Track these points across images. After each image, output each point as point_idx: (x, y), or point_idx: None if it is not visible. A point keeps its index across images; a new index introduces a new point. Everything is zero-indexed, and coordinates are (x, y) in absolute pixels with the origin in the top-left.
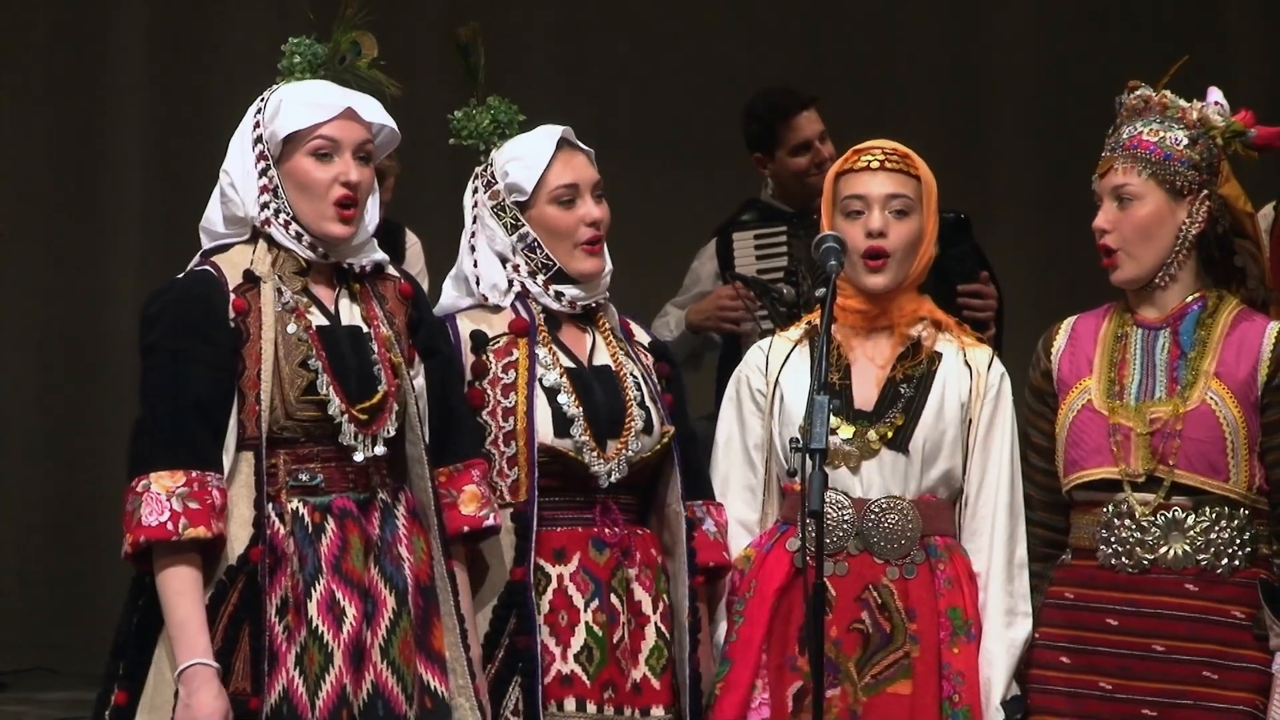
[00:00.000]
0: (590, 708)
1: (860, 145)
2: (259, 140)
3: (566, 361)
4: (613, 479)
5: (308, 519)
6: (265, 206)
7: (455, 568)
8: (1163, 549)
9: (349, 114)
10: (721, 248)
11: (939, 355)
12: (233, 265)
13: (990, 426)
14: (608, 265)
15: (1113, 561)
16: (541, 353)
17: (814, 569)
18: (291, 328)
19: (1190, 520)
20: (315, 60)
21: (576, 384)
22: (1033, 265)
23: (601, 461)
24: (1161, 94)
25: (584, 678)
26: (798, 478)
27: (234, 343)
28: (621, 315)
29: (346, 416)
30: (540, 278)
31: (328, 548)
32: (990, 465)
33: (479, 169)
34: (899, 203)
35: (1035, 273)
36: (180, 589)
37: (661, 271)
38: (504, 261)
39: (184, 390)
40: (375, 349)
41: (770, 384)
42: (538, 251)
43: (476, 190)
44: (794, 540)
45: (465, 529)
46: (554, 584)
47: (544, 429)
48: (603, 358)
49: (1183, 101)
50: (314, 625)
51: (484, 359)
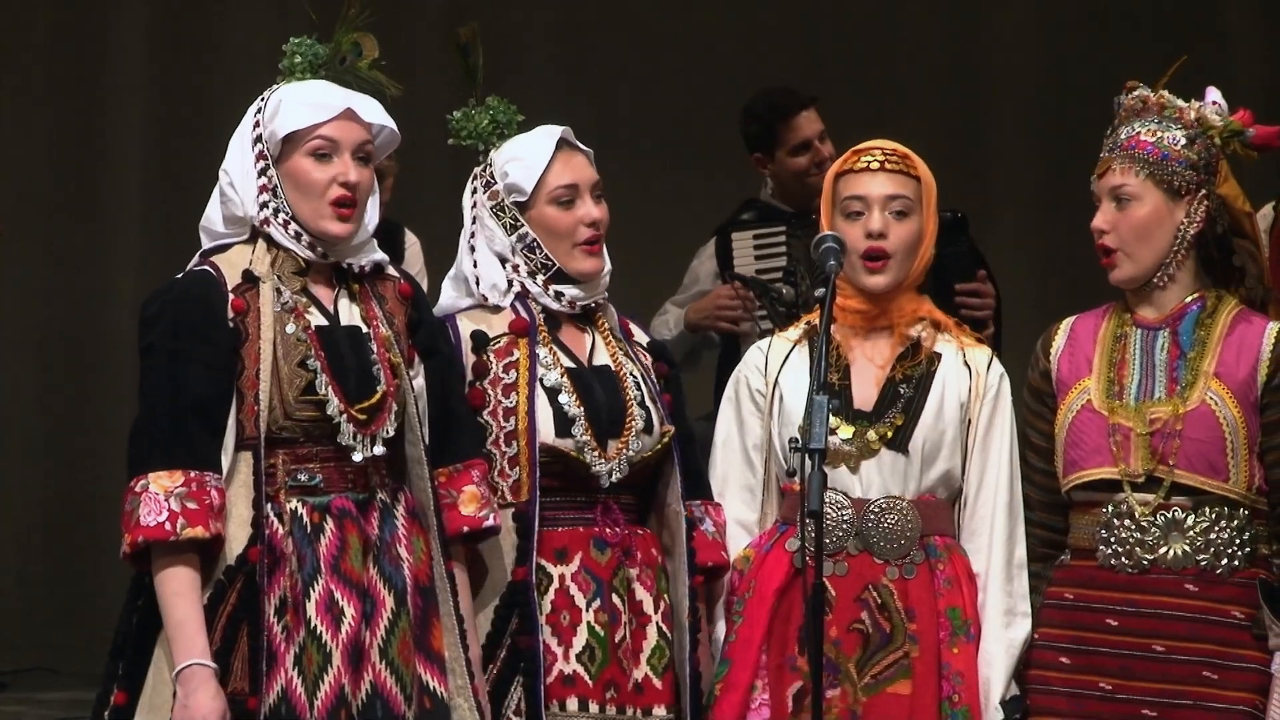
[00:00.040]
0: (592, 707)
1: (860, 146)
2: (258, 140)
3: (567, 361)
4: (614, 479)
5: (306, 519)
6: (264, 206)
7: (455, 568)
8: (1162, 549)
9: (349, 114)
10: (720, 247)
11: (938, 356)
12: (232, 265)
13: (989, 427)
14: (607, 265)
15: (1112, 562)
16: (542, 353)
17: (813, 569)
18: (290, 328)
19: (1190, 520)
20: (316, 60)
21: (577, 384)
22: (1033, 265)
23: (603, 461)
24: (1159, 94)
25: (586, 677)
26: (797, 478)
27: (233, 343)
28: (621, 315)
29: (345, 416)
30: (540, 278)
31: (326, 548)
32: (989, 465)
33: (478, 169)
34: (899, 204)
35: (1035, 273)
36: (178, 589)
37: (661, 271)
38: (503, 262)
39: (182, 390)
40: (374, 349)
41: (769, 384)
42: (537, 252)
43: (475, 190)
44: (793, 540)
45: (465, 529)
46: (556, 584)
47: (545, 429)
48: (602, 358)
49: (1180, 101)
50: (312, 625)
51: (485, 359)
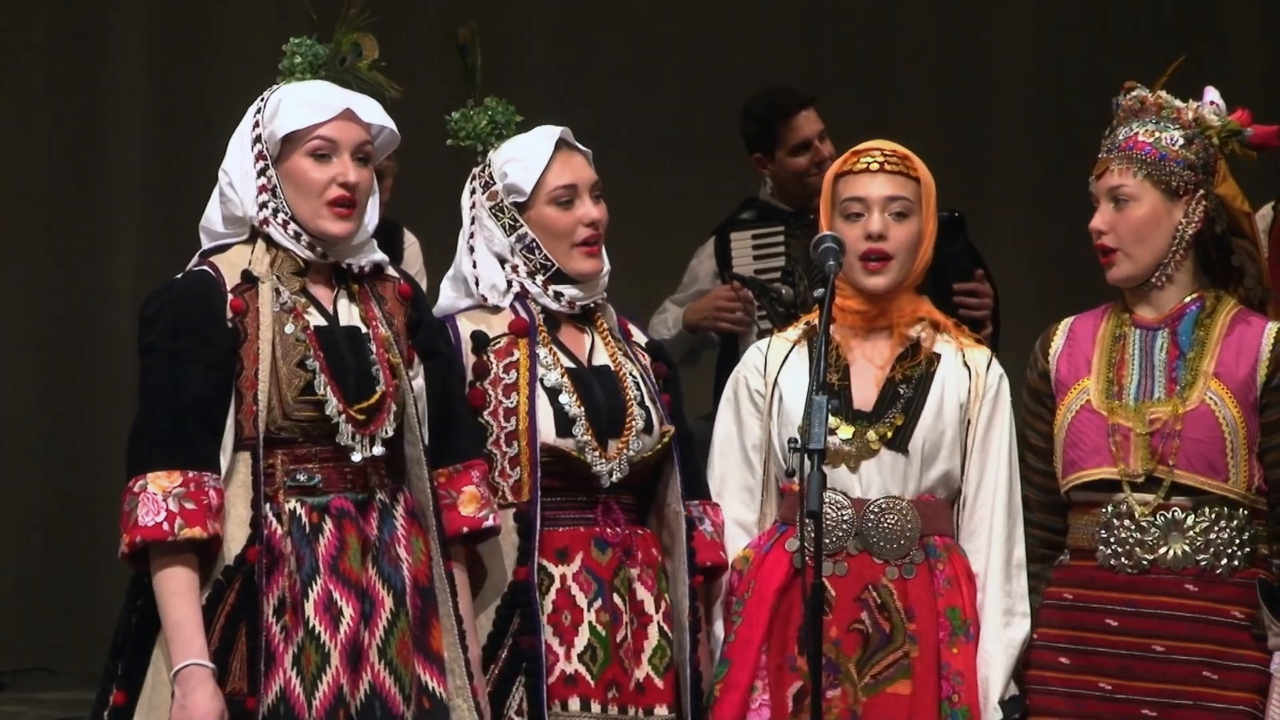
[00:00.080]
0: (594, 707)
1: (859, 146)
2: (258, 140)
3: (567, 362)
4: (614, 479)
5: (305, 519)
6: (264, 206)
7: (454, 569)
8: (1162, 549)
9: (348, 115)
10: (720, 247)
11: (938, 356)
12: (231, 265)
13: (989, 427)
14: (606, 266)
15: (1112, 562)
16: (542, 353)
17: (813, 569)
18: (289, 328)
19: (1189, 520)
20: (316, 61)
21: (577, 384)
22: (1032, 265)
23: (603, 461)
24: (1157, 94)
25: (588, 677)
26: (796, 478)
27: (232, 343)
28: (619, 315)
29: (344, 417)
30: (539, 278)
31: (325, 548)
32: (989, 466)
33: (477, 170)
34: (898, 205)
35: (1035, 273)
36: (176, 589)
37: (661, 271)
38: (502, 262)
39: (182, 391)
40: (373, 349)
41: (769, 384)
42: (536, 252)
43: (474, 191)
44: (793, 540)
45: (464, 530)
46: (557, 584)
47: (546, 429)
48: (602, 358)
49: (1178, 102)
50: (311, 625)
51: (485, 359)
